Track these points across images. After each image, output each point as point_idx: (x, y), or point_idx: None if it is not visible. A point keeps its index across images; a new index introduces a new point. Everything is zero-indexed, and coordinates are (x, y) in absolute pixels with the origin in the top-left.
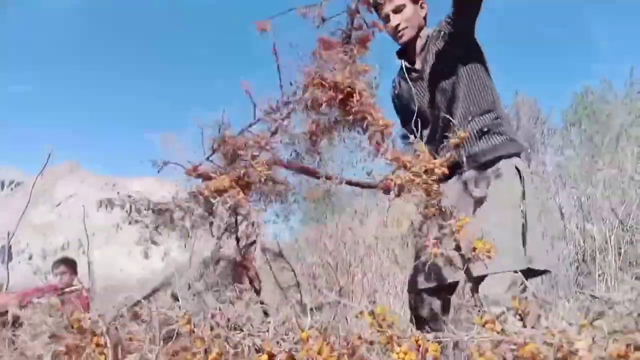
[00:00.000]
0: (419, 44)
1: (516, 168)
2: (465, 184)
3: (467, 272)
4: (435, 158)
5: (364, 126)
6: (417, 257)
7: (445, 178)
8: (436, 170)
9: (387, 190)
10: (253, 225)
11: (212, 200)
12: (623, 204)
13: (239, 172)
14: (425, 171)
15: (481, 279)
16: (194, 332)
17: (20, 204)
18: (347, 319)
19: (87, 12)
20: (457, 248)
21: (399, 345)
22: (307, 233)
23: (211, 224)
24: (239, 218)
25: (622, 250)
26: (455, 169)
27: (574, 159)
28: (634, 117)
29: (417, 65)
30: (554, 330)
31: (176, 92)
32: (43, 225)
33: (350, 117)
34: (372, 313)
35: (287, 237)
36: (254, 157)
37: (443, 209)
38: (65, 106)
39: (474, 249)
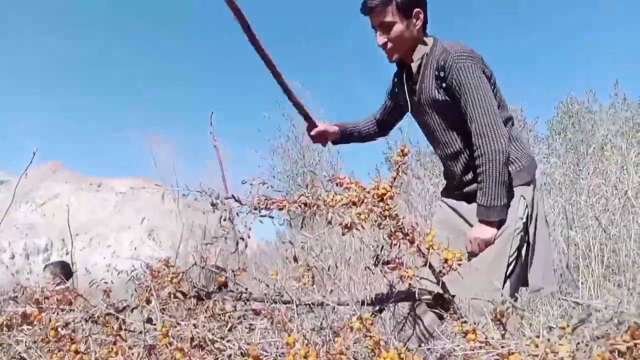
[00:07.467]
0: (415, 60)
1: (522, 197)
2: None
3: (444, 286)
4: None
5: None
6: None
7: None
8: (388, 194)
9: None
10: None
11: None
12: (606, 212)
13: None
14: (381, 199)
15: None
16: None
17: (2, 203)
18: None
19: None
20: (429, 265)
21: (387, 351)
22: (293, 235)
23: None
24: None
25: (606, 258)
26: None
27: (559, 167)
28: (618, 127)
29: (416, 86)
30: (538, 341)
31: (157, 91)
32: (26, 225)
33: None
34: (359, 318)
35: (274, 238)
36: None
37: (407, 230)
38: (46, 106)
39: (446, 261)
